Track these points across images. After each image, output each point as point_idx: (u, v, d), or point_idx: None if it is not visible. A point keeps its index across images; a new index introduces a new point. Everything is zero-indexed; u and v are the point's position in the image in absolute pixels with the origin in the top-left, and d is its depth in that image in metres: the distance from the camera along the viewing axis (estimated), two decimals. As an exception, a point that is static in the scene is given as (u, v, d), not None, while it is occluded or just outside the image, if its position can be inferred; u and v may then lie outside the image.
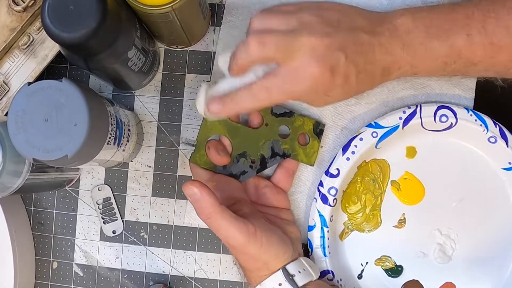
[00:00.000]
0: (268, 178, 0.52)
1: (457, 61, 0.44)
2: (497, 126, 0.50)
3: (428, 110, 0.50)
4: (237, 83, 0.43)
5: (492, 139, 0.50)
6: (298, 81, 0.41)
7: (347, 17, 0.43)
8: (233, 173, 0.50)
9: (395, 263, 0.52)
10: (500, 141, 0.50)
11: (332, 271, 0.50)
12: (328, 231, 0.50)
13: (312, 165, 0.51)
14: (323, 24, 0.42)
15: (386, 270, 0.52)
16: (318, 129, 0.51)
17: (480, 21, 0.42)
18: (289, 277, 0.44)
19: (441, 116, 0.50)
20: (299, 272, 0.45)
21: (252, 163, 0.50)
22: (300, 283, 0.44)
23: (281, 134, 0.51)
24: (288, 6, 0.44)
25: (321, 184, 0.50)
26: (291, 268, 0.45)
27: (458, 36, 0.43)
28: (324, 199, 0.50)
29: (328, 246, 0.50)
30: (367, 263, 0.52)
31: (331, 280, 0.50)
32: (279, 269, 0.44)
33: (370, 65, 0.43)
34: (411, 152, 0.52)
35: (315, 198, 0.51)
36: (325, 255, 0.50)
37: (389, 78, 0.45)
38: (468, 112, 0.50)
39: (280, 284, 0.44)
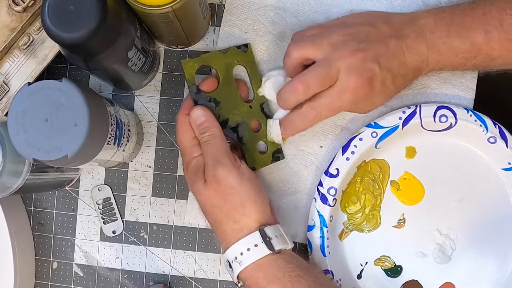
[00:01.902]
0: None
1: (477, 57, 0.47)
2: (497, 126, 0.50)
3: (427, 110, 0.50)
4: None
5: (492, 140, 0.50)
6: (341, 98, 0.46)
7: (373, 27, 0.47)
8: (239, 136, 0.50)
9: (394, 263, 0.52)
10: (500, 142, 0.50)
11: (331, 271, 0.50)
12: (327, 231, 0.50)
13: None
14: (353, 42, 0.45)
15: (385, 270, 0.52)
16: None
17: (497, 18, 0.45)
18: (266, 239, 0.44)
19: (440, 116, 0.50)
20: (276, 236, 0.44)
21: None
22: (277, 247, 0.44)
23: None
24: (315, 29, 0.48)
25: (320, 184, 0.50)
26: (269, 231, 0.44)
27: (477, 33, 0.45)
28: (324, 199, 0.50)
29: (328, 246, 0.50)
30: (366, 263, 0.52)
31: (331, 280, 0.50)
32: (257, 229, 0.44)
33: (403, 67, 0.46)
34: (410, 152, 0.52)
35: (314, 198, 0.51)
36: (324, 255, 0.50)
37: (420, 74, 0.49)
38: (468, 112, 0.50)
39: (256, 245, 0.43)
